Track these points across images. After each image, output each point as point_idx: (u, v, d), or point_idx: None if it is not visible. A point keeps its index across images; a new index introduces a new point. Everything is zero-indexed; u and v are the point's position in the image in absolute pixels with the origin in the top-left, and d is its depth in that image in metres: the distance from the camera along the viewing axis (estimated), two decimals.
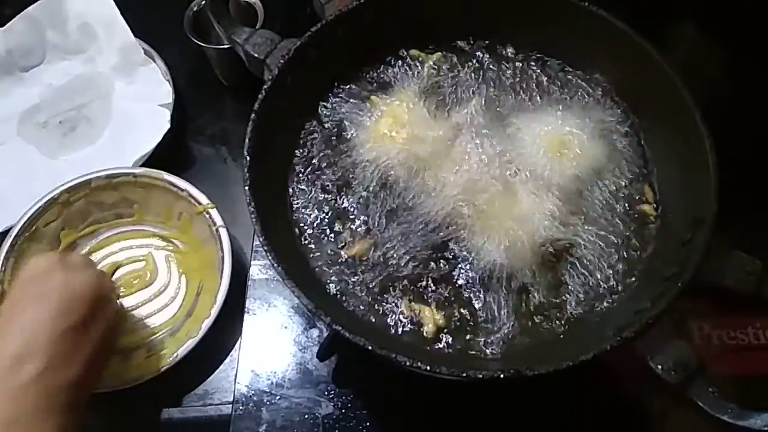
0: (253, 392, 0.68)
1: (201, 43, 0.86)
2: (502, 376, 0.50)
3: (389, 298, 0.61)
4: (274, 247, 0.56)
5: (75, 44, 0.94)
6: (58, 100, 0.92)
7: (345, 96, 0.70)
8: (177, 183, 0.77)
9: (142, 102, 0.89)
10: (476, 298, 0.60)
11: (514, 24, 0.70)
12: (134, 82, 0.92)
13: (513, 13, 0.69)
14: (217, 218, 0.75)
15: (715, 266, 0.55)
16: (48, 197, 0.76)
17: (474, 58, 0.72)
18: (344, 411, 0.67)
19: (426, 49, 0.73)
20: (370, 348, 0.51)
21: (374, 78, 0.72)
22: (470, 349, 0.59)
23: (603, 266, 0.61)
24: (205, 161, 0.89)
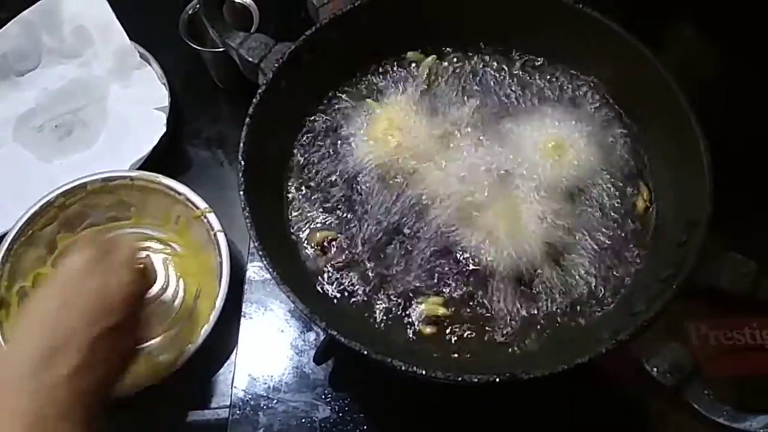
0: (251, 396, 0.68)
1: (196, 47, 0.86)
2: (498, 380, 0.50)
3: (385, 302, 0.61)
4: (269, 252, 0.56)
5: (70, 48, 0.94)
6: (54, 104, 0.92)
7: (340, 99, 0.71)
8: (174, 186, 0.77)
9: (138, 105, 0.89)
10: (472, 300, 0.61)
11: (510, 27, 0.70)
12: (130, 86, 0.92)
13: (508, 16, 0.69)
14: (215, 222, 0.75)
15: (711, 268, 0.55)
16: (44, 201, 0.76)
17: (469, 61, 0.72)
18: (341, 414, 0.67)
19: (421, 52, 0.72)
20: (366, 352, 0.51)
21: (369, 81, 0.72)
22: (466, 352, 0.59)
23: (598, 268, 0.61)
24: (202, 164, 0.89)
